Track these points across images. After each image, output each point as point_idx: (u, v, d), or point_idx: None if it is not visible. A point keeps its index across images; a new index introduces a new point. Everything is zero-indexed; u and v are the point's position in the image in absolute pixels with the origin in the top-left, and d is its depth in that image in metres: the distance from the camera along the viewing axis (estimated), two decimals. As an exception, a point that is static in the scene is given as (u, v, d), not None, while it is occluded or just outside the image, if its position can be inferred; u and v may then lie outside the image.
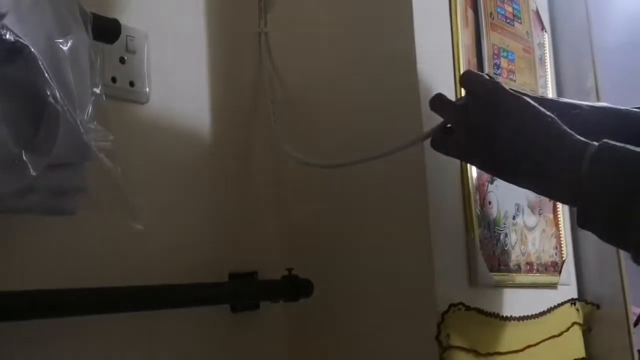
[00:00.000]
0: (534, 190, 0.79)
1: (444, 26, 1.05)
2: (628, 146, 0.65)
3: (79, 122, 0.63)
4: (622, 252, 1.29)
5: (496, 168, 0.79)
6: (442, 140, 0.84)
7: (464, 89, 0.84)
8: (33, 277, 0.76)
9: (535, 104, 0.76)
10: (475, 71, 0.84)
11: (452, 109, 0.82)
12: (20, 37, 0.59)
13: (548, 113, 0.74)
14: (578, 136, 0.71)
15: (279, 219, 1.10)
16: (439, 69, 0.99)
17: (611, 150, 0.66)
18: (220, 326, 0.99)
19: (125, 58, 0.90)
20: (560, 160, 0.70)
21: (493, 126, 0.76)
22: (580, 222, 0.68)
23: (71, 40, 0.65)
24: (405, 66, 0.97)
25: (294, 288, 0.98)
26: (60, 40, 0.64)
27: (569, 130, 0.73)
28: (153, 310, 0.85)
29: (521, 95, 0.77)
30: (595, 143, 0.68)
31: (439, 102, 0.83)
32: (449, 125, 0.84)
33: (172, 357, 0.92)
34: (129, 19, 0.91)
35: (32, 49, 0.59)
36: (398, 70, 0.98)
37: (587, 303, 1.28)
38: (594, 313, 1.29)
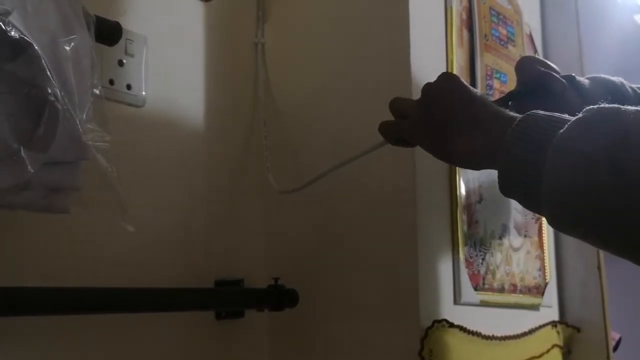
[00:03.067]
0: (468, 156, 0.76)
1: (440, 45, 1.06)
2: (553, 114, 0.66)
3: (77, 122, 0.63)
4: (604, 277, 1.31)
5: (432, 132, 0.78)
6: (394, 125, 0.84)
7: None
8: (21, 273, 0.76)
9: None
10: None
11: (409, 101, 0.83)
12: (25, 35, 0.59)
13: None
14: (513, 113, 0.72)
15: (266, 229, 1.10)
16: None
17: (534, 116, 0.67)
18: (204, 333, 0.99)
19: (124, 61, 0.90)
20: (494, 120, 0.71)
21: (443, 89, 0.78)
22: (500, 185, 0.68)
23: (74, 41, 0.65)
24: (400, 81, 0.98)
25: (279, 297, 0.98)
26: (64, 40, 0.64)
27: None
28: (137, 313, 0.85)
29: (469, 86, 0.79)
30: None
31: (397, 98, 0.85)
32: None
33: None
34: (129, 23, 0.92)
35: (36, 47, 0.60)
36: (392, 85, 0.99)
37: (567, 326, 1.29)
38: (574, 336, 1.30)
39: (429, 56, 1.03)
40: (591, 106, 0.63)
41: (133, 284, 0.84)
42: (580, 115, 0.62)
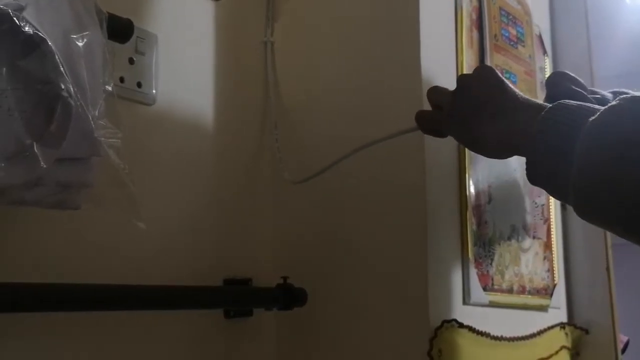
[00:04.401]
0: (492, 144, 0.77)
1: (450, 45, 1.06)
2: (582, 103, 0.65)
3: (90, 118, 0.63)
4: (613, 278, 1.30)
5: (460, 122, 0.79)
6: (431, 115, 0.85)
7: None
8: (31, 270, 0.76)
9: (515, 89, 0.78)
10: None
11: (445, 91, 0.84)
12: (38, 30, 0.59)
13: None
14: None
15: (276, 228, 1.10)
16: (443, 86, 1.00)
17: (565, 104, 0.66)
18: (212, 331, 0.99)
19: (135, 59, 0.90)
20: (521, 110, 0.72)
21: (472, 90, 0.79)
22: (528, 173, 0.68)
23: (86, 37, 0.65)
24: (410, 83, 0.98)
25: (288, 296, 0.98)
26: (76, 37, 0.64)
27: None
28: (147, 310, 0.85)
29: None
30: None
31: (436, 87, 0.86)
32: None
33: (163, 357, 0.91)
34: (139, 21, 0.91)
35: (50, 43, 0.60)
36: (402, 85, 0.99)
37: (576, 327, 1.29)
38: (582, 338, 1.30)
39: (439, 56, 1.03)
40: (624, 95, 0.62)
41: (142, 282, 0.84)
42: (613, 102, 0.61)
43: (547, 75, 1.34)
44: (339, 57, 1.08)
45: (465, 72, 1.06)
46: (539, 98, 1.26)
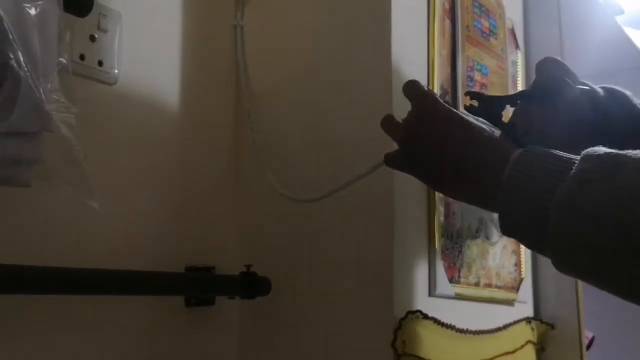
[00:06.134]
0: (460, 199, 0.76)
1: (422, 33, 1.05)
2: (553, 151, 0.64)
3: (41, 91, 0.60)
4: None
5: (422, 175, 0.78)
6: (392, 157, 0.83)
7: (406, 97, 0.81)
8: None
9: (466, 117, 0.75)
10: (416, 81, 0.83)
11: (396, 125, 0.81)
12: (-15, -5, 0.56)
13: (479, 124, 0.73)
14: (508, 144, 0.70)
15: (241, 217, 1.08)
16: (414, 77, 0.99)
17: (532, 154, 0.65)
18: (172, 319, 0.96)
19: (96, 36, 0.87)
20: (482, 167, 0.69)
21: (420, 133, 0.75)
22: (501, 227, 0.67)
23: (40, 6, 0.62)
24: (381, 69, 0.97)
25: (251, 285, 0.96)
26: (28, 5, 0.61)
27: (498, 139, 0.74)
28: (104, 295, 0.82)
29: (452, 108, 0.76)
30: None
31: (387, 121, 0.82)
32: None
33: (120, 346, 0.89)
34: (102, -3, 0.89)
35: (-2, 9, 0.57)
36: (373, 74, 0.98)
37: (542, 322, 1.28)
38: (548, 333, 1.29)
39: (411, 44, 1.01)
40: (588, 152, 0.61)
41: (96, 265, 0.81)
42: (580, 165, 0.61)
43: (519, 70, 1.34)
44: (310, 42, 1.07)
45: (436, 61, 1.05)
46: (510, 91, 1.26)
